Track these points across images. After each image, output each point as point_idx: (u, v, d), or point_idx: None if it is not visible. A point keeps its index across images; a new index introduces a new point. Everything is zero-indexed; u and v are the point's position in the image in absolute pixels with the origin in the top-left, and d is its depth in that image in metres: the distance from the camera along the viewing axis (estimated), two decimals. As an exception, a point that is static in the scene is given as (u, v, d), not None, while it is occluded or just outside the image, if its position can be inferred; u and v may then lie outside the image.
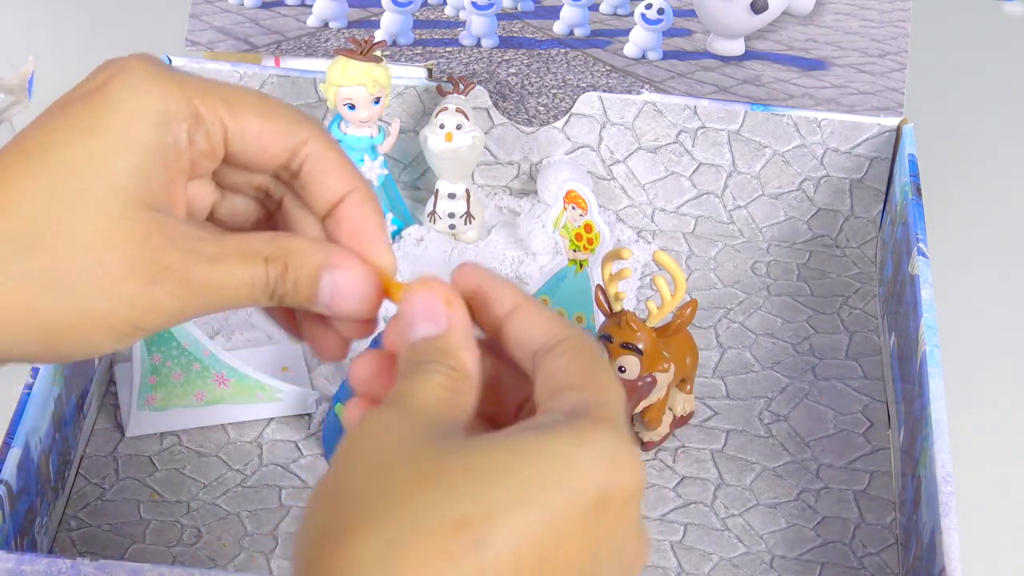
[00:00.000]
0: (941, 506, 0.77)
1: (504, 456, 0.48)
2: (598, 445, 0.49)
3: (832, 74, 1.03)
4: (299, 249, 0.56)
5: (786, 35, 1.03)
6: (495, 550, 0.47)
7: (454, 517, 0.47)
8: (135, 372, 0.87)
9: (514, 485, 0.48)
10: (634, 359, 0.81)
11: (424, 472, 0.48)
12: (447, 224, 1.02)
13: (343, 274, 0.56)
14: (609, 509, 0.49)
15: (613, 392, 0.52)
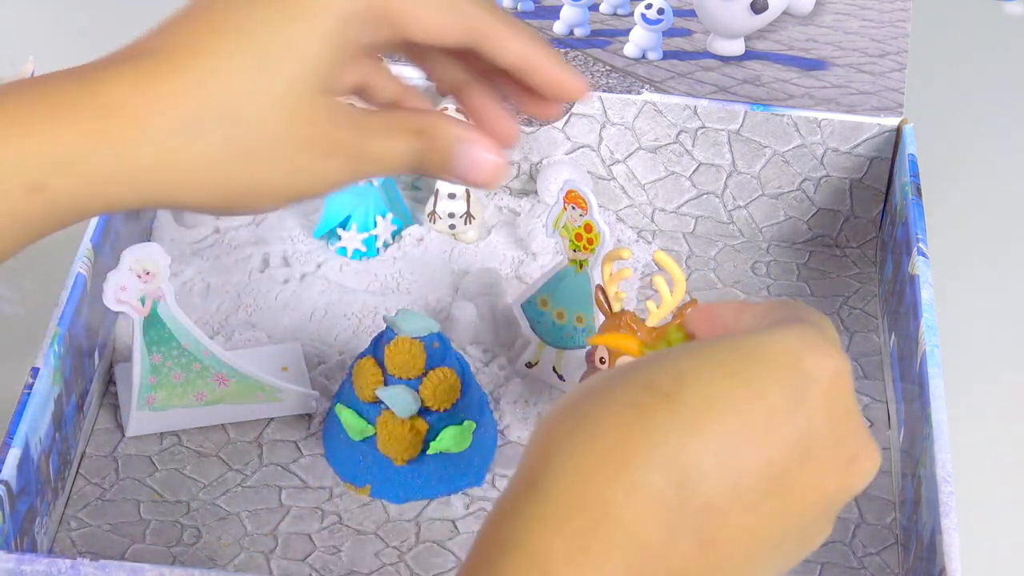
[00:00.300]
0: (941, 506, 0.77)
1: (700, 344, 0.53)
2: (796, 334, 0.52)
3: (832, 74, 1.03)
4: (440, 121, 0.63)
5: (786, 35, 1.03)
6: (685, 402, 0.50)
7: (644, 380, 0.51)
8: (135, 372, 0.87)
9: (706, 356, 0.51)
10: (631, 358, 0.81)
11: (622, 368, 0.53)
12: (447, 224, 1.02)
13: (475, 147, 0.63)
14: (814, 390, 0.51)
15: (822, 318, 0.55)
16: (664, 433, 0.50)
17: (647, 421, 0.50)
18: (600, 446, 0.50)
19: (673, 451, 0.49)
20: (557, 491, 0.49)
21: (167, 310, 0.86)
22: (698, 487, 0.49)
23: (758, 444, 0.50)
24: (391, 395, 0.84)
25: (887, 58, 1.03)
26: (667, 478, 0.49)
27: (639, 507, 0.49)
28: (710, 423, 0.50)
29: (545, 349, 0.92)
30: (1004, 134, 1.18)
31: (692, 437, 0.50)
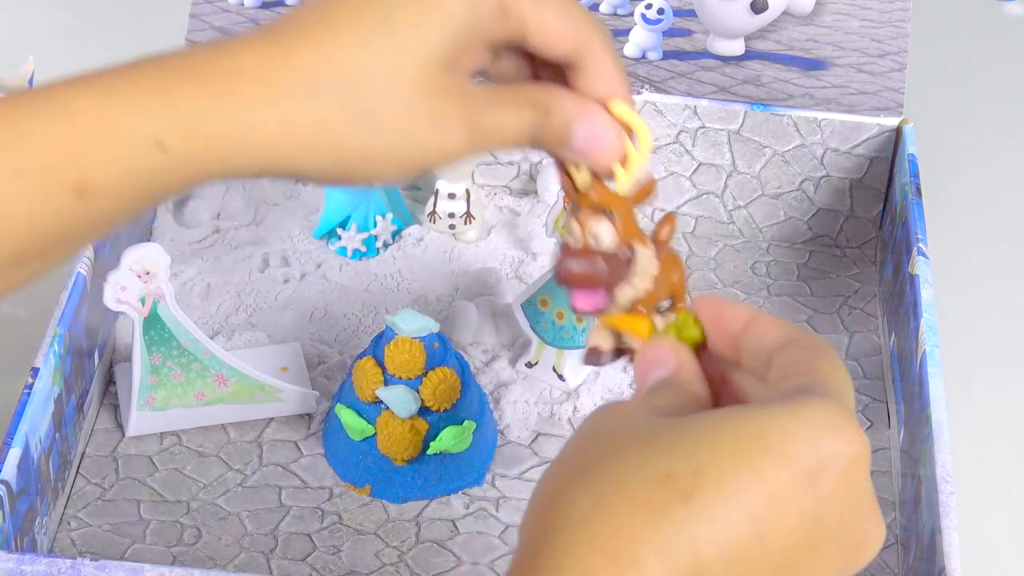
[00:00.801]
0: (941, 506, 0.77)
1: (718, 423, 0.52)
2: (813, 413, 0.51)
3: (832, 74, 1.03)
4: (560, 97, 0.63)
5: (786, 35, 1.03)
6: (702, 502, 0.49)
7: (661, 472, 0.50)
8: (135, 372, 0.87)
9: (723, 445, 0.51)
10: (607, 225, 0.68)
11: (637, 438, 0.52)
12: (447, 224, 1.02)
13: (594, 125, 0.63)
14: (827, 477, 0.51)
15: (837, 376, 0.54)
16: (676, 535, 0.49)
17: (661, 524, 0.49)
18: (612, 547, 0.49)
19: (684, 561, 0.49)
20: None
21: (167, 310, 0.86)
22: None
23: (766, 539, 0.50)
24: (391, 395, 0.84)
25: (887, 58, 1.03)
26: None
27: None
28: (722, 524, 0.50)
29: (545, 349, 0.92)
30: (1004, 134, 1.18)
31: (703, 543, 0.49)
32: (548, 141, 0.64)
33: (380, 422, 0.85)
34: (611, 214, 0.69)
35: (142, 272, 0.84)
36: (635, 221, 0.69)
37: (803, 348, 0.56)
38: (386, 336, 0.85)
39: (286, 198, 1.05)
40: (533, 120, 0.63)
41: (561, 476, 0.53)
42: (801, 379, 0.54)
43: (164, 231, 1.02)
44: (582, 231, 0.68)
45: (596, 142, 0.64)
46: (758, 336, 0.58)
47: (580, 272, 0.66)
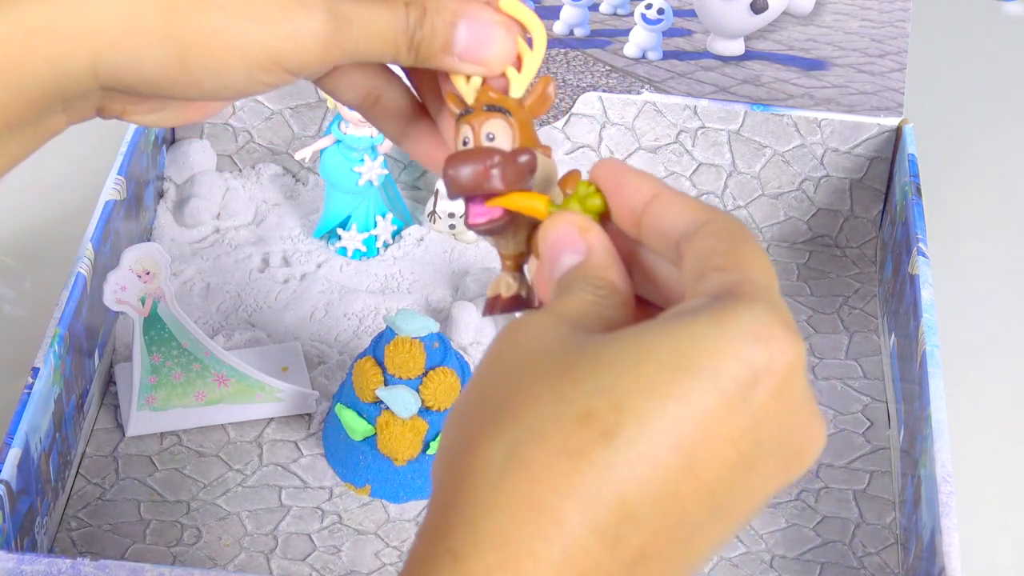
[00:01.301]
0: (941, 506, 0.77)
1: (637, 345, 0.46)
2: (740, 321, 0.46)
3: (832, 74, 1.03)
4: None
5: (786, 35, 1.03)
6: (625, 441, 0.45)
7: (578, 411, 0.45)
8: (135, 372, 0.87)
9: (645, 373, 0.46)
10: (502, 123, 0.58)
11: (551, 370, 0.47)
12: (447, 224, 1.02)
13: (478, 21, 0.56)
14: (761, 389, 0.46)
15: (763, 270, 0.49)
16: (601, 487, 0.45)
17: (583, 471, 0.45)
18: (531, 507, 0.45)
19: (610, 508, 0.45)
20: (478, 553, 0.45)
21: (167, 310, 0.86)
22: (631, 540, 0.45)
23: (699, 471, 0.45)
24: (391, 395, 0.84)
25: (887, 58, 1.03)
26: (602, 540, 0.45)
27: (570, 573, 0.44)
28: (648, 463, 0.45)
29: (545, 349, 0.92)
30: (1004, 134, 1.18)
31: (630, 487, 0.45)
32: (427, 48, 0.56)
33: (380, 422, 0.85)
34: (507, 113, 0.59)
35: (142, 272, 0.84)
36: (534, 130, 0.60)
37: (719, 235, 0.50)
38: (386, 336, 0.85)
39: (286, 198, 1.05)
40: (408, 20, 0.55)
41: (470, 420, 0.47)
42: (723, 277, 0.48)
43: (164, 231, 1.02)
44: (474, 134, 0.59)
45: (484, 43, 0.56)
46: (663, 216, 0.51)
47: (475, 172, 0.57)
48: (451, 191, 0.57)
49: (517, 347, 0.49)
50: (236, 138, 1.06)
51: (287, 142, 1.06)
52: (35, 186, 1.05)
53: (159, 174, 1.04)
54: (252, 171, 1.06)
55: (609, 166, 0.54)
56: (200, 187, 1.03)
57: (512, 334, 0.49)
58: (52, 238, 1.03)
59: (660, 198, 0.52)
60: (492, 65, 0.57)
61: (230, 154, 1.06)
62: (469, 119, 0.58)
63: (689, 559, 0.47)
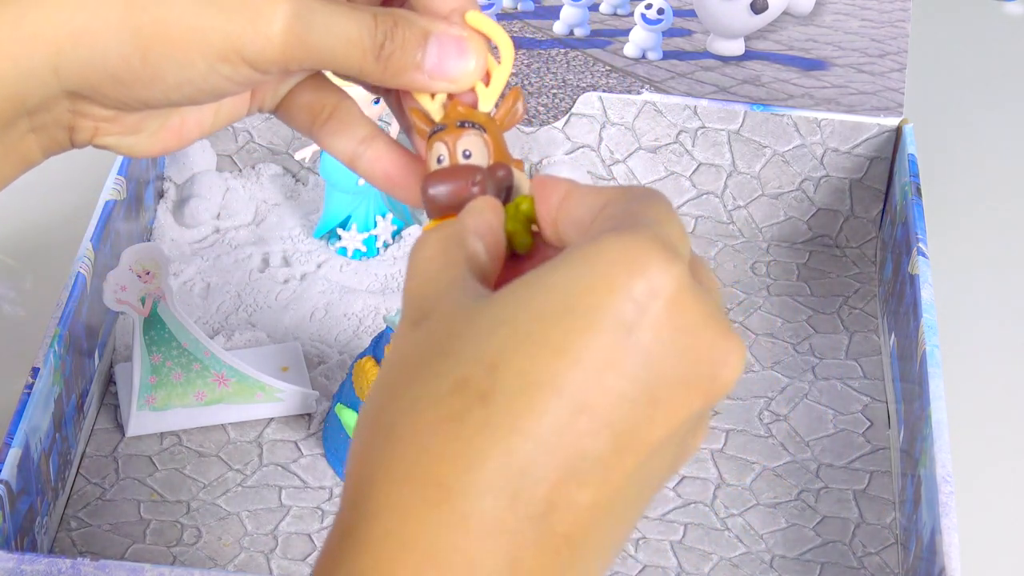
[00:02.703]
0: (941, 506, 0.77)
1: (511, 300, 0.45)
2: (610, 252, 0.44)
3: (832, 74, 1.03)
4: (407, 14, 0.55)
5: (786, 35, 1.03)
6: (505, 399, 0.43)
7: (453, 380, 0.44)
8: (135, 372, 0.87)
9: (518, 327, 0.44)
10: (478, 139, 0.58)
11: (426, 355, 0.45)
12: (447, 224, 1.02)
13: (449, 38, 0.55)
14: (648, 321, 0.44)
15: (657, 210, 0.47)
16: (484, 446, 0.43)
17: (463, 436, 0.43)
18: (415, 477, 0.43)
19: (497, 465, 0.43)
20: (375, 541, 0.43)
21: (167, 310, 0.86)
22: (534, 493, 0.43)
23: (592, 416, 0.43)
24: (391, 395, 0.84)
25: (887, 58, 1.03)
26: (496, 498, 0.43)
27: (472, 541, 0.43)
28: (532, 418, 0.43)
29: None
30: (1004, 134, 1.18)
31: (515, 441, 0.43)
32: (397, 63, 0.54)
33: (380, 422, 0.85)
34: (480, 128, 0.58)
35: (142, 272, 0.84)
36: (505, 145, 0.59)
37: (625, 199, 0.48)
38: (386, 336, 0.85)
39: (286, 198, 1.05)
40: (376, 33, 0.54)
41: (362, 426, 0.46)
42: (607, 223, 0.46)
43: (164, 231, 1.02)
44: (449, 151, 0.57)
45: (454, 60, 0.55)
46: (574, 208, 0.50)
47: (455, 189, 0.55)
48: (432, 211, 0.56)
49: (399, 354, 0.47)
50: (236, 138, 1.06)
51: (287, 142, 1.06)
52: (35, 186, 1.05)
53: (159, 174, 1.04)
54: (252, 171, 1.06)
55: (537, 178, 0.52)
56: (200, 187, 1.03)
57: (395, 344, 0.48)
58: (52, 238, 1.03)
59: (572, 193, 0.50)
60: (463, 82, 0.56)
61: (230, 154, 1.06)
62: (443, 136, 0.57)
63: (614, 505, 0.45)
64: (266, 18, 0.52)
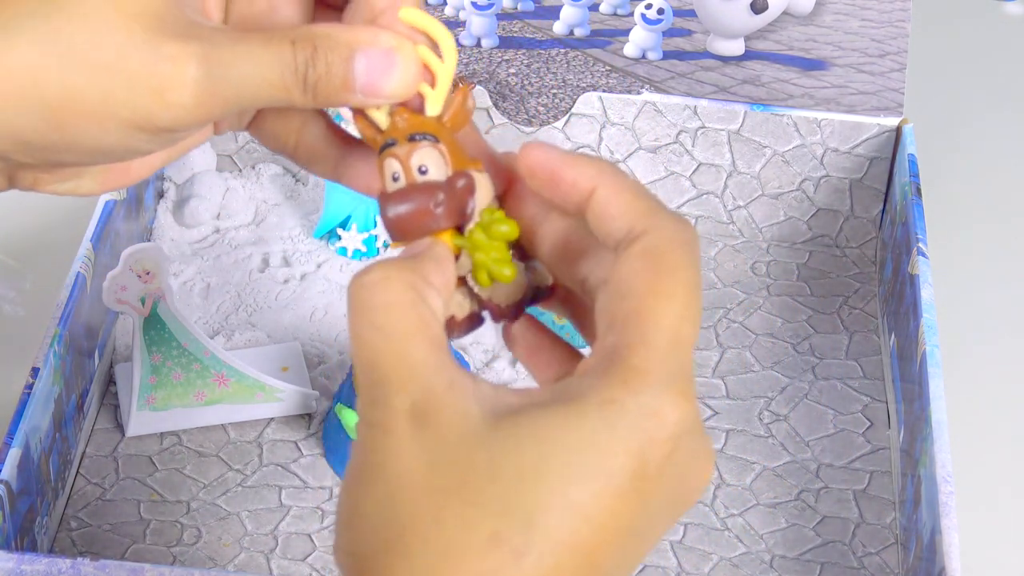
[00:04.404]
0: (941, 506, 0.77)
1: (531, 451, 0.46)
2: (629, 415, 0.47)
3: (832, 74, 1.03)
4: (326, 32, 0.51)
5: (786, 35, 1.03)
6: (535, 555, 0.45)
7: (487, 533, 0.46)
8: (135, 372, 0.87)
9: (544, 486, 0.46)
10: (433, 151, 0.54)
11: (449, 487, 0.46)
12: (447, 224, 1.02)
13: (376, 51, 0.51)
14: (650, 468, 0.47)
15: (672, 321, 0.47)
16: None
17: None
18: None
19: None
20: None
21: (167, 310, 0.86)
22: None
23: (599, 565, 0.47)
24: (391, 395, 0.84)
25: (887, 58, 1.03)
26: None
27: None
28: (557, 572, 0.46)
29: (545, 349, 0.92)
30: (1004, 134, 1.18)
31: None
32: (325, 88, 0.51)
33: (380, 422, 0.85)
34: (433, 138, 0.54)
35: (142, 272, 0.84)
36: (459, 145, 0.55)
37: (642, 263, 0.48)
38: (386, 336, 0.85)
39: (286, 198, 1.05)
40: (295, 61, 0.50)
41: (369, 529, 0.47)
42: (615, 340, 0.47)
43: (164, 231, 1.02)
44: (404, 167, 0.53)
45: (387, 73, 0.51)
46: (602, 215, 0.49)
47: (418, 213, 0.52)
48: (394, 235, 0.53)
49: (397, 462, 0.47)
50: (236, 138, 1.06)
51: (287, 142, 1.06)
52: (35, 186, 1.05)
53: (159, 174, 1.04)
54: (252, 171, 1.06)
55: (539, 154, 0.50)
56: (200, 187, 1.03)
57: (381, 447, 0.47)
58: (52, 238, 1.03)
59: (599, 191, 0.49)
60: (398, 95, 0.52)
61: (230, 154, 1.06)
62: (394, 152, 0.54)
63: None
64: (174, 86, 0.50)
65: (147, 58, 0.49)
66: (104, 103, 0.50)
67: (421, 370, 0.47)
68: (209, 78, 0.50)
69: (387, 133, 0.54)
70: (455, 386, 0.47)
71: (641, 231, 0.48)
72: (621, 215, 0.49)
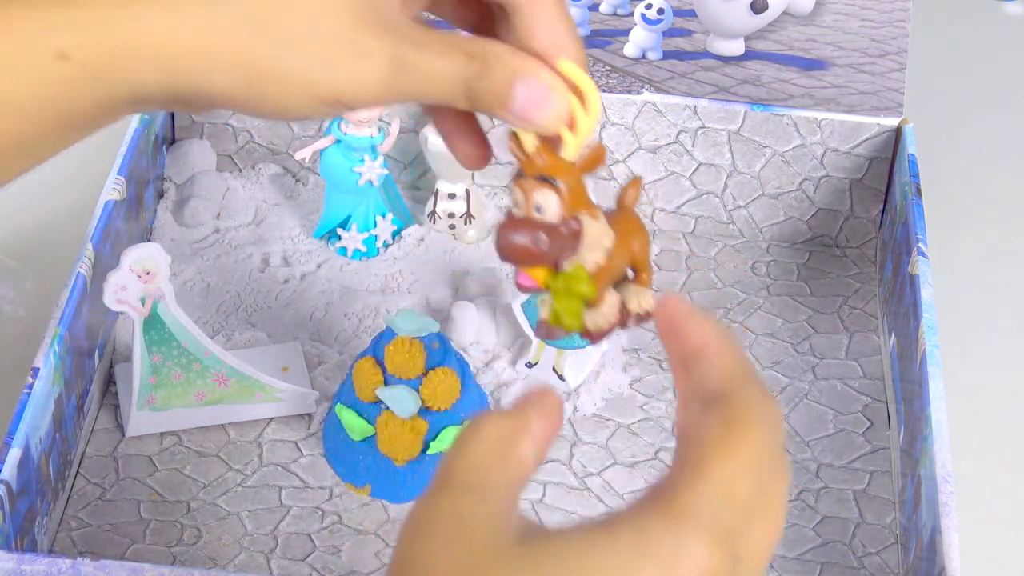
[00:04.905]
0: (941, 506, 0.77)
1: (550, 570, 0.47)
2: (662, 551, 0.47)
3: (832, 74, 1.03)
4: (500, 51, 0.57)
5: (786, 35, 1.03)
6: None
7: None
8: (135, 372, 0.87)
9: None
10: (551, 195, 0.62)
11: None
12: (447, 224, 1.02)
13: (537, 83, 0.58)
14: None
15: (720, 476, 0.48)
16: None
17: None
18: None
19: None
20: None
21: (167, 310, 0.86)
22: None
23: None
24: (391, 395, 0.84)
25: (887, 58, 1.03)
26: None
27: None
28: None
29: (545, 349, 0.92)
30: (1004, 134, 1.18)
31: None
32: (485, 100, 0.58)
33: (380, 422, 0.85)
34: (556, 183, 0.62)
35: (142, 272, 0.84)
36: (584, 190, 0.63)
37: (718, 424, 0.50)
38: (386, 336, 0.85)
39: (286, 198, 1.05)
40: (467, 72, 0.57)
41: None
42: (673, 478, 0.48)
43: (164, 231, 1.02)
44: (526, 201, 0.62)
45: (539, 104, 0.58)
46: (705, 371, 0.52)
47: (521, 246, 0.61)
48: (500, 256, 0.62)
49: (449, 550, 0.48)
50: (236, 138, 1.06)
51: (287, 142, 1.06)
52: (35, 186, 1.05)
53: (159, 174, 1.04)
54: (252, 171, 1.06)
55: (671, 306, 0.53)
56: (200, 187, 1.03)
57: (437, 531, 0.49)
58: (52, 238, 1.03)
59: (709, 349, 0.52)
60: (546, 127, 0.59)
61: (230, 154, 1.06)
62: (523, 184, 0.61)
63: None
64: (366, 77, 0.56)
65: (348, 48, 0.56)
66: (303, 79, 0.56)
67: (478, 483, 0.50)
68: (396, 74, 0.56)
69: (524, 164, 0.61)
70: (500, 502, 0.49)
71: (731, 397, 0.50)
72: (718, 377, 0.51)
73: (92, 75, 0.55)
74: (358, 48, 0.56)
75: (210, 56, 0.55)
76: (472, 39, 0.58)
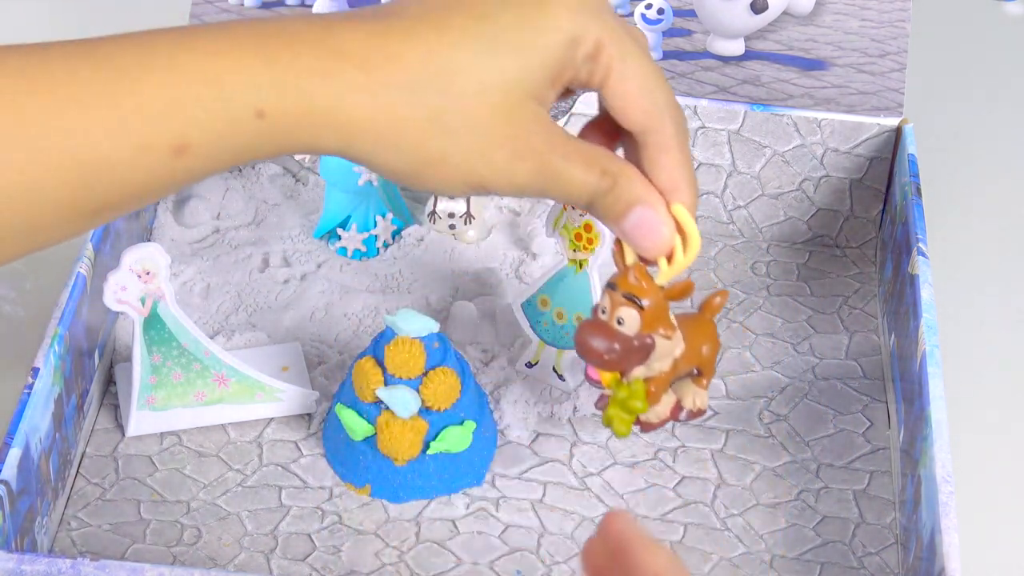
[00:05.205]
0: (941, 506, 0.77)
1: None
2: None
3: (832, 74, 1.03)
4: (630, 174, 0.66)
5: (786, 35, 1.03)
6: None
7: None
8: (135, 372, 0.87)
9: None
10: (634, 313, 0.73)
11: None
12: (447, 224, 1.02)
13: (652, 214, 0.67)
14: None
15: None
16: None
17: None
18: None
19: None
20: None
21: (167, 310, 0.86)
22: None
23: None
24: (391, 395, 0.84)
25: (887, 58, 1.03)
26: None
27: None
28: None
29: (545, 349, 0.92)
30: (1004, 134, 1.18)
31: None
32: (604, 210, 0.66)
33: (380, 422, 0.85)
34: (641, 302, 0.73)
35: (142, 272, 0.84)
36: (666, 314, 0.74)
37: None
38: (386, 336, 0.85)
39: (286, 198, 1.05)
40: (598, 186, 0.65)
41: None
42: None
43: (164, 231, 1.02)
44: (610, 310, 0.73)
45: (647, 233, 0.67)
46: None
47: (596, 350, 0.72)
48: (578, 353, 0.74)
49: None
50: (236, 138, 1.06)
51: (287, 142, 1.06)
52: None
53: (159, 174, 1.04)
54: (252, 171, 1.06)
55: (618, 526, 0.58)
56: (200, 187, 1.03)
57: None
58: (52, 238, 1.03)
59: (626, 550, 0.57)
60: (647, 253, 0.69)
61: (230, 154, 1.06)
62: (612, 295, 0.73)
63: None
64: (519, 171, 0.64)
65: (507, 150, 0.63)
66: (462, 168, 0.63)
67: None
68: (540, 179, 0.65)
69: (618, 278, 0.73)
70: None
71: None
72: None
73: (281, 131, 0.61)
74: (515, 152, 0.63)
75: (389, 139, 0.62)
76: (610, 156, 0.66)
